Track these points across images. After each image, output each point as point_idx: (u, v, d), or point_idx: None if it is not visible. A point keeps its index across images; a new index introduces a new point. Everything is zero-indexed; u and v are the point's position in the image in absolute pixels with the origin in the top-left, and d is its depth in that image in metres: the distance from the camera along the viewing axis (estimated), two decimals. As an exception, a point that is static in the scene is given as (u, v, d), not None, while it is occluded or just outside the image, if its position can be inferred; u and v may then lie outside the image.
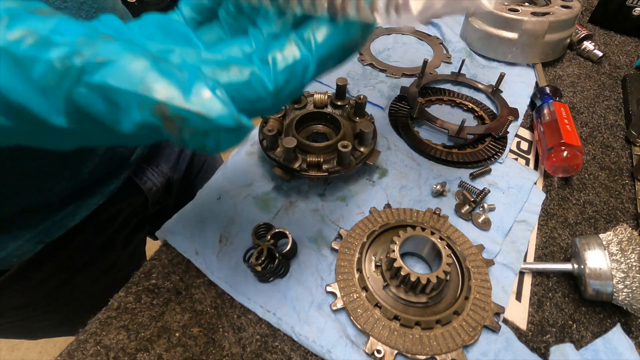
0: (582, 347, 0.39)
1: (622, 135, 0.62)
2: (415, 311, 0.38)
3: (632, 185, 0.55)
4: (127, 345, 0.36)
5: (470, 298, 0.39)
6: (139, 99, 0.16)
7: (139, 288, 0.40)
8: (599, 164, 0.57)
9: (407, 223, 0.44)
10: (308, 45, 0.21)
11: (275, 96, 0.20)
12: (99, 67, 0.16)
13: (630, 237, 0.40)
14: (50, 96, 0.16)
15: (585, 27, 0.78)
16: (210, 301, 0.40)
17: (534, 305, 0.41)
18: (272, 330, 0.38)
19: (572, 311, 0.41)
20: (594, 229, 0.49)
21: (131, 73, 0.16)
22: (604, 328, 0.40)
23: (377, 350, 0.36)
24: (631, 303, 0.38)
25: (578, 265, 0.41)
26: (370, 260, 0.41)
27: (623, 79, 0.72)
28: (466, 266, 0.41)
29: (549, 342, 0.39)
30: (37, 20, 0.16)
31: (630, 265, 0.38)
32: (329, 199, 0.48)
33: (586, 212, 0.51)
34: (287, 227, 0.44)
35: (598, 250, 0.40)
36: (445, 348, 0.36)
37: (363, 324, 0.37)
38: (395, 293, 0.38)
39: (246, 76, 0.19)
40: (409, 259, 0.43)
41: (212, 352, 0.36)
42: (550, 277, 0.44)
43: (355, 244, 0.42)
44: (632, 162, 0.58)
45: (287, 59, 0.20)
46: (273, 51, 0.20)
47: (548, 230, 0.48)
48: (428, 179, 0.51)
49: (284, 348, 0.37)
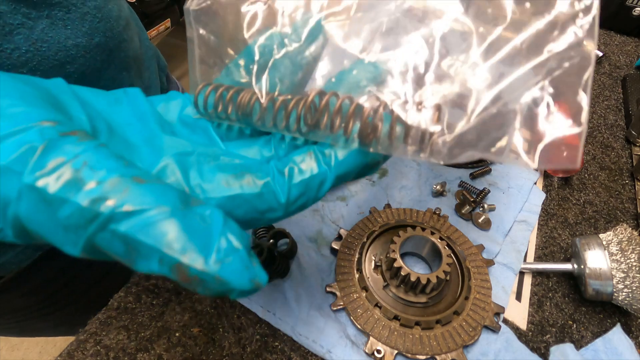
0: (582, 347, 0.39)
1: (622, 135, 0.62)
2: (415, 311, 0.38)
3: (632, 185, 0.55)
4: (127, 345, 0.36)
5: (470, 298, 0.39)
6: (161, 255, 0.15)
7: (139, 288, 0.40)
8: (599, 164, 0.57)
9: (407, 223, 0.44)
10: (328, 161, 0.20)
11: (286, 208, 0.20)
12: (126, 217, 0.15)
13: (630, 237, 0.40)
14: (71, 234, 0.16)
15: (585, 27, 0.78)
16: (210, 301, 0.40)
17: (534, 305, 0.41)
18: (272, 330, 0.38)
19: (572, 311, 0.41)
20: (594, 229, 0.49)
21: (158, 230, 0.15)
22: (604, 328, 0.40)
23: (377, 350, 0.36)
24: (631, 303, 0.38)
25: (578, 265, 0.41)
26: (370, 260, 0.41)
27: (623, 79, 0.72)
28: (466, 266, 0.41)
29: (549, 342, 0.39)
30: (70, 151, 0.16)
31: (630, 265, 0.38)
32: (329, 199, 0.48)
33: (586, 212, 0.51)
34: (286, 227, 0.44)
35: (598, 250, 0.40)
36: (445, 348, 0.36)
37: (363, 324, 0.37)
38: (395, 293, 0.38)
39: (259, 188, 0.19)
40: (409, 259, 0.43)
41: (212, 352, 0.36)
42: (550, 277, 0.44)
43: (355, 244, 0.42)
44: (632, 162, 0.58)
45: (304, 173, 0.20)
46: (292, 162, 0.20)
47: (548, 230, 0.48)
48: (428, 179, 0.51)
49: (284, 348, 0.37)
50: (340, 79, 0.22)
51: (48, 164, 0.15)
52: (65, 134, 0.16)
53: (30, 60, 0.31)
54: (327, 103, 0.20)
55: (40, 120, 0.16)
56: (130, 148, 0.20)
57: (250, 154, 0.23)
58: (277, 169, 0.20)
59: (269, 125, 0.22)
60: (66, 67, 0.34)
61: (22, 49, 0.31)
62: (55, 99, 0.19)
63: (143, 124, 0.22)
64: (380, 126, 0.19)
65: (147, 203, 0.15)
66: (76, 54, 0.35)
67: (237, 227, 0.17)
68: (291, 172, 0.20)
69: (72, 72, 0.35)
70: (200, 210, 0.17)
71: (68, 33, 0.34)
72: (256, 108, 0.21)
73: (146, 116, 0.22)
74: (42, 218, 0.16)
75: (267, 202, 0.19)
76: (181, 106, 0.24)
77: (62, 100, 0.19)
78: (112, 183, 0.15)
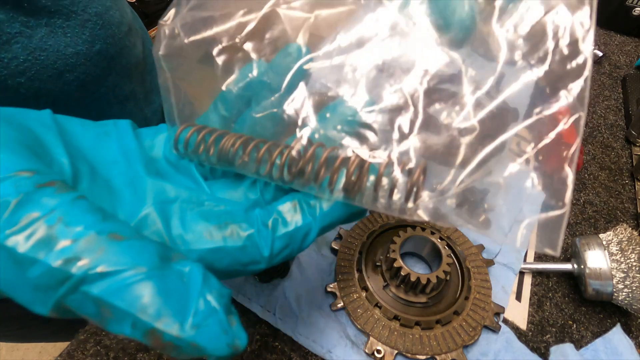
0: (582, 347, 0.39)
1: (622, 135, 0.62)
2: (415, 311, 0.38)
3: (632, 185, 0.55)
4: (127, 345, 0.36)
5: (470, 298, 0.39)
6: (134, 320, 0.14)
7: (139, 288, 0.40)
8: (599, 164, 0.57)
9: (407, 223, 0.44)
10: (313, 212, 0.20)
11: (269, 261, 0.20)
12: (100, 278, 0.14)
13: (630, 237, 0.40)
14: (40, 294, 0.15)
15: (585, 27, 0.78)
16: (210, 301, 0.40)
17: (534, 305, 0.41)
18: (272, 330, 0.38)
19: (572, 311, 0.41)
20: (594, 229, 0.49)
21: (132, 293, 0.14)
22: (604, 328, 0.40)
23: (377, 350, 0.36)
24: (631, 303, 0.38)
25: (578, 265, 0.41)
26: (370, 260, 0.41)
27: (623, 79, 0.72)
28: (466, 266, 0.41)
29: (549, 342, 0.39)
30: (46, 204, 0.15)
31: (630, 265, 0.38)
32: (329, 199, 0.48)
33: (586, 212, 0.51)
34: (287, 227, 0.44)
35: (598, 250, 0.40)
36: (445, 348, 0.36)
37: (363, 324, 0.37)
38: (395, 293, 0.38)
39: (242, 241, 0.19)
40: (409, 259, 0.43)
41: (212, 352, 0.36)
42: (550, 277, 0.44)
43: (355, 244, 0.42)
44: (632, 162, 0.58)
45: (288, 225, 0.20)
46: (276, 214, 0.20)
47: (548, 230, 0.48)
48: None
49: (284, 348, 0.37)
50: (324, 126, 0.21)
51: (21, 220, 0.15)
52: (42, 186, 0.16)
53: (29, 70, 0.31)
54: (313, 155, 0.19)
55: (17, 170, 0.16)
56: (113, 192, 0.20)
57: (235, 196, 0.22)
58: (262, 221, 0.20)
59: (252, 172, 0.21)
60: (65, 75, 0.34)
61: (20, 58, 0.30)
62: (37, 140, 0.18)
63: (128, 164, 0.21)
64: (365, 179, 0.19)
65: (123, 263, 0.15)
66: (76, 62, 0.34)
67: (217, 283, 0.16)
68: (275, 224, 0.20)
69: (71, 81, 0.34)
70: (179, 267, 0.16)
71: (68, 41, 0.33)
72: (238, 154, 0.21)
73: (132, 155, 0.22)
74: (9, 276, 0.15)
75: (250, 255, 0.19)
76: (166, 142, 0.24)
77: (44, 141, 0.19)
78: (87, 241, 0.15)
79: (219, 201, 0.21)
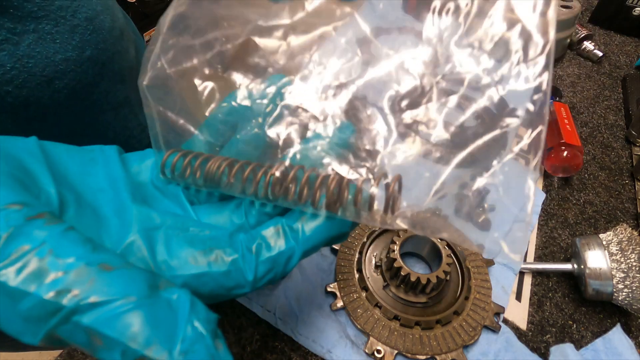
0: (582, 347, 0.39)
1: (622, 135, 0.62)
2: (415, 311, 0.38)
3: (632, 185, 0.55)
4: (127, 345, 0.36)
5: (470, 298, 0.39)
6: (124, 348, 0.15)
7: (139, 288, 0.40)
8: (599, 164, 0.57)
9: (407, 223, 0.44)
10: (295, 236, 0.21)
11: (254, 285, 0.20)
12: (91, 309, 0.15)
13: (630, 237, 0.40)
14: (31, 325, 0.15)
15: (585, 27, 0.78)
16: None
17: (534, 305, 0.41)
18: (272, 330, 0.38)
19: (572, 311, 0.41)
20: (594, 229, 0.49)
21: (122, 322, 0.15)
22: (604, 328, 0.40)
23: (377, 350, 0.36)
24: (631, 303, 0.38)
25: (578, 265, 0.41)
26: (370, 260, 0.41)
27: (623, 79, 0.72)
28: (466, 266, 0.41)
29: (549, 342, 0.39)
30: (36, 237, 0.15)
31: (630, 265, 0.38)
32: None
33: (586, 212, 0.51)
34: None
35: (598, 250, 0.40)
36: (445, 348, 0.36)
37: (363, 324, 0.37)
38: (395, 293, 0.38)
39: (226, 266, 0.19)
40: (409, 259, 0.43)
41: (212, 352, 0.36)
42: (550, 277, 0.44)
43: (355, 244, 0.42)
44: (632, 162, 0.58)
45: (272, 250, 0.20)
46: (259, 238, 0.21)
47: (548, 230, 0.48)
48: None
49: (284, 348, 0.37)
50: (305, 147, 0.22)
51: (12, 254, 0.15)
52: (32, 218, 0.16)
53: (16, 78, 0.30)
54: (295, 176, 0.21)
55: (6, 203, 0.16)
56: (99, 220, 0.20)
57: (220, 220, 0.23)
58: (246, 246, 0.20)
59: (238, 192, 0.22)
60: (55, 82, 0.33)
61: (6, 66, 0.29)
62: (24, 169, 0.19)
63: (114, 192, 0.22)
64: (346, 195, 0.20)
65: (113, 293, 0.15)
66: (66, 69, 0.33)
67: (204, 309, 0.17)
68: (259, 249, 0.20)
69: (61, 88, 0.33)
70: (167, 294, 0.16)
71: (57, 47, 0.32)
72: (224, 175, 0.22)
73: (118, 182, 0.22)
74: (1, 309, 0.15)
75: (235, 280, 0.20)
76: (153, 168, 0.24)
77: (31, 170, 0.19)
78: (78, 273, 0.15)
79: (204, 226, 0.22)
